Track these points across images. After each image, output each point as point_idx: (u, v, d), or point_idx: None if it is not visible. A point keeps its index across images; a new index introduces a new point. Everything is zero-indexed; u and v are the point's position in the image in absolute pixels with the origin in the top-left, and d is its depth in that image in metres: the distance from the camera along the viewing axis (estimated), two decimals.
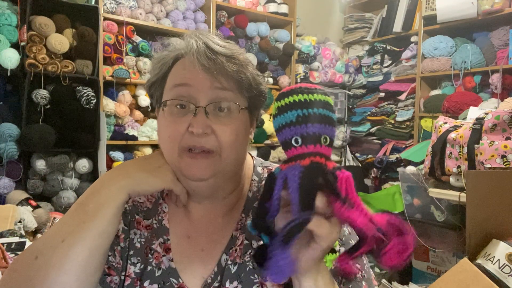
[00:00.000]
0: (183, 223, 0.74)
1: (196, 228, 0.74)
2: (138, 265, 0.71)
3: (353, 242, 0.71)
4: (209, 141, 0.66)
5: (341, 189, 0.50)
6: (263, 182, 0.60)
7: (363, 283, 0.70)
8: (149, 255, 0.71)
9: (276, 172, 0.54)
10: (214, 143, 0.66)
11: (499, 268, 1.39)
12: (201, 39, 0.69)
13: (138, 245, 0.72)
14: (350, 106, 4.27)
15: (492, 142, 1.72)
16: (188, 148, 0.66)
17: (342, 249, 0.70)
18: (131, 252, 0.71)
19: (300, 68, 3.76)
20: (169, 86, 0.69)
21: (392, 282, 1.79)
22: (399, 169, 2.46)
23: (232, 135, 0.67)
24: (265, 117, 3.49)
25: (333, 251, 0.57)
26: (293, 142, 0.52)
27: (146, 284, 0.70)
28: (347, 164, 4.17)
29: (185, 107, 0.67)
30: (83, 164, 2.63)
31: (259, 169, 0.79)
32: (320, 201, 0.51)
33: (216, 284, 0.70)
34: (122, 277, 0.71)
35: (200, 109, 0.66)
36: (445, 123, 2.04)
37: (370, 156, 3.92)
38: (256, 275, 0.70)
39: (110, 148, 2.80)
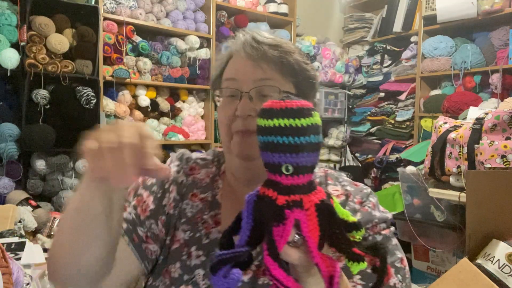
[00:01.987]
0: (233, 203, 0.77)
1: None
2: (188, 232, 0.75)
3: (398, 255, 0.73)
4: (254, 123, 0.68)
5: (277, 231, 0.47)
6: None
7: None
8: (199, 224, 0.76)
9: (257, 188, 0.53)
10: None
11: (499, 268, 1.39)
12: (249, 33, 0.75)
13: (189, 214, 0.77)
14: (350, 106, 4.27)
15: (492, 142, 1.72)
16: (237, 132, 0.72)
17: None
18: (182, 220, 0.76)
19: None
20: (222, 81, 0.76)
21: None
22: (399, 169, 2.46)
23: None
24: None
25: (360, 259, 0.50)
26: (264, 166, 0.50)
27: (192, 249, 0.74)
28: (347, 164, 4.17)
29: (234, 95, 0.73)
30: (83, 164, 2.63)
31: None
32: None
33: (256, 263, 0.71)
34: (167, 242, 0.75)
35: (244, 94, 0.71)
36: (445, 123, 2.04)
37: (370, 156, 3.92)
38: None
39: None
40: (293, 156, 0.47)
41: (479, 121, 1.81)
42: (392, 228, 0.76)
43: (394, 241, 0.75)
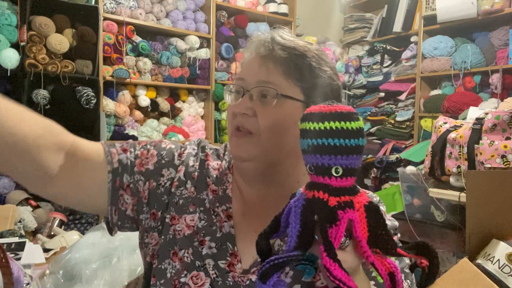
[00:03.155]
0: (240, 201, 0.78)
1: (250, 209, 0.77)
2: (203, 222, 0.75)
3: (406, 261, 0.74)
4: (250, 122, 0.71)
5: (332, 233, 0.47)
6: None
7: None
8: (213, 216, 0.76)
9: (298, 192, 0.53)
10: (254, 125, 0.70)
11: (499, 268, 1.39)
12: (270, 33, 0.75)
13: (207, 205, 0.77)
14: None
15: (492, 142, 1.72)
16: (236, 128, 0.72)
17: None
18: (201, 208, 0.76)
19: None
20: (234, 79, 0.77)
21: None
22: (399, 169, 2.46)
23: (272, 120, 0.69)
24: None
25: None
26: (308, 169, 0.51)
27: (207, 239, 0.74)
28: None
29: (239, 93, 0.73)
30: None
31: None
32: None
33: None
34: (167, 220, 0.75)
35: (246, 92, 0.72)
36: (445, 123, 2.04)
37: (370, 156, 3.92)
38: None
39: None
40: (343, 158, 0.49)
41: (479, 121, 1.81)
42: (399, 235, 0.78)
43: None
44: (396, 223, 0.78)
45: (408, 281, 0.71)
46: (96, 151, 0.74)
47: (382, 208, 0.78)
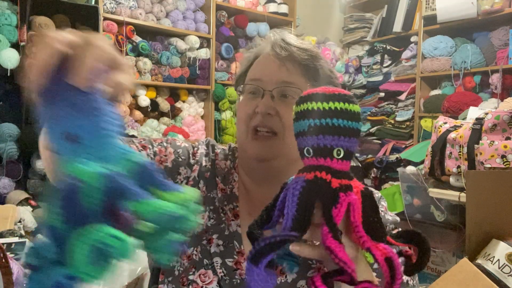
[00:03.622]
0: (246, 200, 0.79)
1: (256, 208, 0.77)
2: (212, 220, 0.77)
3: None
4: (273, 122, 0.72)
5: (335, 214, 0.46)
6: None
7: None
8: (222, 214, 0.77)
9: (289, 181, 0.51)
10: (278, 124, 0.72)
11: (499, 268, 1.39)
12: (279, 34, 0.77)
13: (216, 204, 0.78)
14: None
15: (492, 142, 1.72)
16: (254, 129, 0.73)
17: None
18: (211, 207, 0.77)
19: None
20: (247, 80, 0.77)
21: None
22: (399, 169, 2.46)
23: None
24: None
25: (352, 281, 0.49)
26: (305, 152, 0.49)
27: (214, 237, 0.75)
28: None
29: (256, 93, 0.74)
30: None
31: None
32: (313, 220, 0.48)
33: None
34: None
35: (266, 92, 0.73)
36: (445, 123, 2.04)
37: (370, 156, 3.92)
38: (313, 260, 0.72)
39: None
40: (346, 139, 0.48)
41: (479, 121, 1.81)
42: (400, 229, 0.78)
43: None
44: (397, 218, 0.79)
45: None
46: None
47: (384, 203, 0.80)
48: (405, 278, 0.72)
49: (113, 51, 0.41)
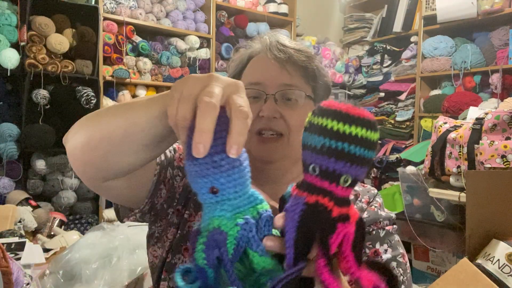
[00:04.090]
0: None
1: None
2: None
3: (400, 250, 0.76)
4: (278, 124, 0.73)
5: (331, 245, 0.43)
6: None
7: (402, 287, 0.73)
8: None
9: (287, 195, 0.49)
10: (283, 127, 0.73)
11: (499, 268, 1.39)
12: (273, 37, 0.78)
13: None
14: None
15: (492, 142, 1.72)
16: (258, 132, 0.73)
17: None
18: None
19: None
20: (246, 84, 0.72)
21: None
22: (399, 169, 2.46)
23: (299, 120, 0.73)
24: None
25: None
26: (310, 169, 0.45)
27: None
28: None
29: (258, 97, 0.75)
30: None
31: None
32: (312, 252, 0.46)
33: None
34: (186, 216, 0.75)
35: (269, 96, 0.73)
36: (445, 123, 2.04)
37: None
38: None
39: None
40: (357, 168, 0.44)
41: (479, 121, 1.81)
42: (395, 226, 0.79)
43: (397, 237, 0.78)
44: (392, 214, 0.80)
45: (400, 269, 0.73)
46: None
47: (379, 199, 0.81)
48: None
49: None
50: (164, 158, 0.73)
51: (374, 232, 0.75)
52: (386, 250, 0.75)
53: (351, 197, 0.78)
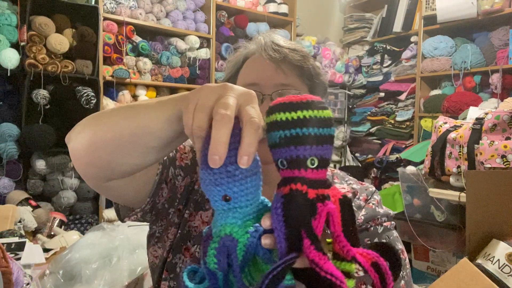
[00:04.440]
0: None
1: None
2: None
3: (399, 246, 0.76)
4: None
5: (315, 226, 0.44)
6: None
7: (402, 282, 0.73)
8: None
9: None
10: None
11: (499, 268, 1.39)
12: (268, 37, 0.78)
13: None
14: (350, 106, 4.27)
15: (492, 142, 1.72)
16: None
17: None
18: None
19: None
20: (241, 84, 0.76)
21: None
22: (399, 169, 2.46)
23: None
24: None
25: (349, 276, 0.47)
26: (279, 164, 0.47)
27: None
28: (347, 164, 4.17)
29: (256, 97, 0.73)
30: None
31: None
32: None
33: None
34: (185, 215, 0.75)
35: (266, 97, 0.73)
36: (445, 123, 2.04)
37: (370, 156, 3.92)
38: None
39: None
40: (318, 148, 0.46)
41: (479, 121, 1.81)
42: (393, 223, 0.80)
43: (395, 233, 0.78)
44: (390, 211, 0.80)
45: None
46: None
47: (376, 197, 0.81)
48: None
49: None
50: (166, 157, 0.73)
51: (372, 228, 0.76)
52: None
53: (349, 195, 0.78)
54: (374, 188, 0.83)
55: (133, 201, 0.72)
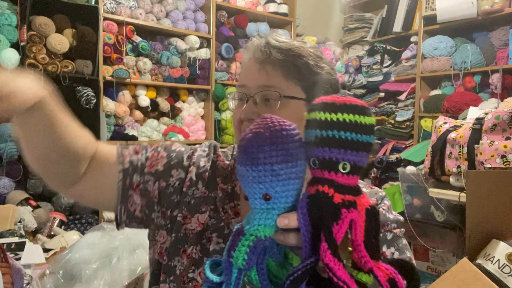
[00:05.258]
0: None
1: None
2: (213, 220, 0.77)
3: (408, 254, 0.75)
4: None
5: (336, 231, 0.44)
6: None
7: None
8: (222, 213, 0.78)
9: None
10: None
11: (499, 268, 1.39)
12: (264, 38, 0.76)
13: (217, 203, 0.79)
14: None
15: (492, 142, 1.72)
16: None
17: None
18: (212, 206, 0.78)
19: None
20: (236, 86, 0.79)
21: None
22: (399, 169, 2.46)
23: None
24: None
25: (364, 287, 0.47)
26: (311, 163, 0.47)
27: (214, 235, 0.76)
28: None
29: (242, 99, 0.75)
30: None
31: None
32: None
33: None
34: (179, 219, 0.77)
35: (250, 98, 0.73)
36: (445, 123, 2.04)
37: (370, 156, 3.92)
38: None
39: None
40: (353, 153, 0.45)
41: (479, 121, 1.81)
42: (403, 229, 0.79)
43: (404, 241, 0.78)
44: (400, 218, 0.79)
45: None
46: (111, 153, 0.77)
47: (387, 202, 0.80)
48: None
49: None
50: (128, 165, 0.77)
51: (381, 234, 0.75)
52: (393, 253, 0.74)
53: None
54: (384, 193, 0.81)
55: (104, 205, 0.81)
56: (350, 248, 0.47)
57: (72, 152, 0.70)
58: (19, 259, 1.47)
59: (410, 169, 2.41)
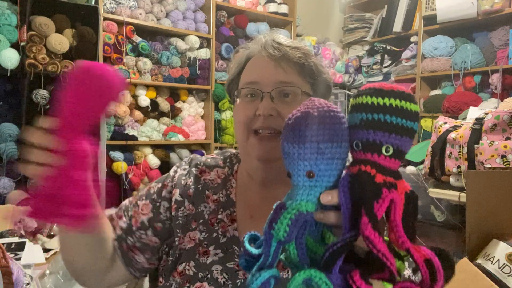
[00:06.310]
0: (247, 203, 0.80)
1: (258, 210, 0.78)
2: (204, 233, 0.77)
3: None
4: (276, 122, 0.72)
5: (377, 208, 0.45)
6: None
7: None
8: (215, 224, 0.78)
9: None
10: (280, 124, 0.71)
11: (499, 268, 1.39)
12: (269, 36, 0.78)
13: (206, 216, 0.79)
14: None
15: (492, 142, 1.72)
16: (255, 130, 0.73)
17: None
18: (200, 221, 0.78)
19: None
20: (242, 83, 0.78)
21: None
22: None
23: None
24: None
25: (391, 278, 0.46)
26: (354, 145, 0.48)
27: (211, 248, 0.75)
28: (346, 164, 4.17)
29: (254, 95, 0.75)
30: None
31: None
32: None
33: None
34: (176, 243, 0.78)
35: (265, 94, 0.73)
36: (445, 123, 2.04)
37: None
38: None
39: (110, 148, 2.79)
40: (397, 138, 0.46)
41: (479, 121, 1.81)
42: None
43: None
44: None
45: (411, 269, 0.72)
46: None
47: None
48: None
49: None
50: (120, 232, 0.80)
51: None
52: None
53: None
54: None
55: (121, 281, 0.84)
56: (385, 238, 0.48)
57: (109, 247, 0.78)
58: (19, 259, 1.47)
59: (410, 169, 2.41)
